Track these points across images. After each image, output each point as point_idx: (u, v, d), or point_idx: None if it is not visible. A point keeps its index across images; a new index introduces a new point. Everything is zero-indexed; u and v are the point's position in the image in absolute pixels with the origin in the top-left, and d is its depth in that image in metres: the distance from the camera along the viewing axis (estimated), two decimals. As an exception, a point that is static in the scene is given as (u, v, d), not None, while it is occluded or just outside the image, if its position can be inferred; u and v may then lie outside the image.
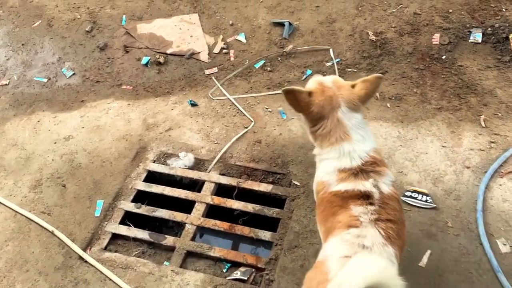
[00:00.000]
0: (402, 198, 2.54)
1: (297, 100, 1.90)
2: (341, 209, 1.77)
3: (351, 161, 1.84)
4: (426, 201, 2.50)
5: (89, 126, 3.28)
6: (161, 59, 3.67)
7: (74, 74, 3.68)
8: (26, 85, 3.65)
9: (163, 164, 3.00)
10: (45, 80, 3.66)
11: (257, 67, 3.56)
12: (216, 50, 3.73)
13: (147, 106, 3.39)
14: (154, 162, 3.01)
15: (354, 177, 1.81)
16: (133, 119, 3.29)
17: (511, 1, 3.56)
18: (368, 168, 1.82)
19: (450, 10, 3.61)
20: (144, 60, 3.70)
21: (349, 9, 3.78)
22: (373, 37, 3.55)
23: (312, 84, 2.00)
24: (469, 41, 3.41)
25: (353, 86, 1.95)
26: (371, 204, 1.73)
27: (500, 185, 2.55)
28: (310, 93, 1.91)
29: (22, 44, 3.90)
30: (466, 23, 3.51)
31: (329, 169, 1.89)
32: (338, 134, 1.87)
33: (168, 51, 3.75)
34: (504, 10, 3.53)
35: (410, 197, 2.53)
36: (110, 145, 3.13)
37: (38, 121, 3.35)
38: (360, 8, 3.77)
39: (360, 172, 1.82)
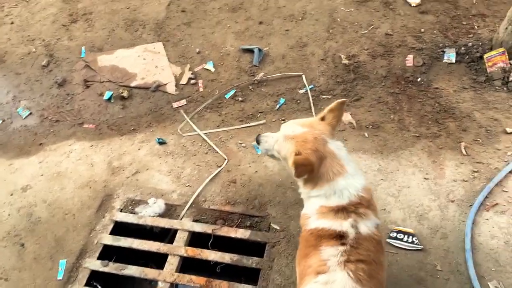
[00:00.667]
0: (388, 240, 2.40)
1: (305, 169, 1.80)
2: (313, 251, 1.71)
3: (340, 199, 1.76)
4: (412, 242, 2.37)
5: (49, 173, 3.03)
6: (125, 93, 3.45)
7: (30, 114, 3.42)
8: (-23, 129, 3.37)
9: (131, 213, 2.78)
10: (-1, 122, 3.39)
11: (227, 98, 3.38)
12: (184, 80, 3.53)
13: (111, 146, 3.17)
14: (121, 211, 2.79)
15: (334, 214, 1.75)
16: (97, 163, 3.06)
17: (482, 19, 3.50)
18: (350, 208, 1.74)
19: (422, 30, 3.52)
20: (107, 95, 3.47)
21: (320, 32, 3.66)
22: (346, 61, 3.43)
23: (287, 144, 1.89)
24: (443, 61, 3.33)
25: (322, 119, 1.95)
26: (343, 244, 1.66)
27: (487, 219, 2.45)
28: (297, 153, 1.80)
29: (-28, 84, 3.63)
30: (439, 42, 3.43)
31: (315, 206, 1.83)
32: (335, 169, 1.80)
33: (132, 84, 3.53)
34: (476, 27, 3.47)
35: (396, 238, 2.40)
36: (73, 194, 2.89)
37: (-8, 170, 3.08)
38: (331, 31, 3.64)
39: (341, 210, 1.74)
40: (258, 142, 2.12)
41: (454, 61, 3.30)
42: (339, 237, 1.68)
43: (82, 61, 3.68)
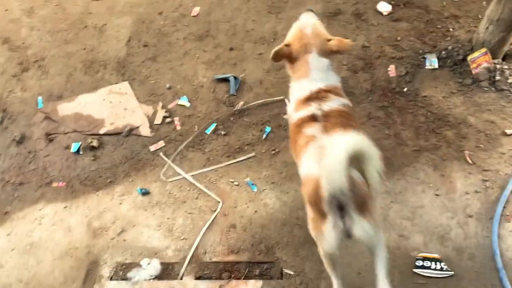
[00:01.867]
0: (415, 270, 2.22)
1: (282, 56, 2.31)
2: (299, 135, 2.11)
3: (306, 92, 2.18)
4: (441, 269, 2.19)
5: (21, 246, 2.65)
6: (95, 143, 3.12)
7: (-11, 179, 3.03)
8: None
9: (124, 280, 2.45)
10: (-48, 195, 2.96)
11: (209, 133, 3.13)
12: (158, 120, 3.24)
13: (88, 205, 2.82)
14: (111, 279, 2.46)
15: (303, 104, 2.16)
16: (75, 226, 2.71)
17: (456, 20, 3.46)
18: (314, 96, 2.15)
19: (399, 38, 3.43)
20: (74, 147, 3.12)
21: (295, 51, 3.49)
22: (327, 79, 3.27)
23: (294, 31, 2.35)
24: (426, 67, 3.23)
25: (329, 40, 2.28)
26: (316, 121, 2.07)
27: (511, 231, 2.32)
28: (288, 45, 2.29)
29: None
30: (418, 49, 3.34)
31: (292, 100, 2.29)
32: (303, 72, 2.25)
33: (101, 131, 3.20)
34: (451, 29, 3.41)
35: (423, 267, 2.22)
36: (52, 267, 2.53)
37: (-49, 253, 2.66)
38: (306, 49, 3.48)
39: (309, 100, 2.15)
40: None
41: (437, 66, 3.22)
42: (312, 118, 2.08)
43: (41, 112, 3.32)
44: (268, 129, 3.08)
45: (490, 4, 2.98)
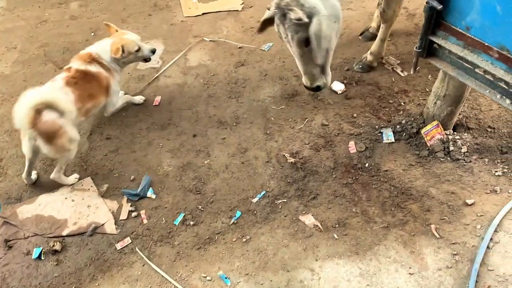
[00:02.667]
0: None
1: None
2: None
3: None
4: None
5: None
6: (57, 246, 2.97)
7: None
8: None
9: None
10: None
11: (177, 224, 3.07)
12: (123, 215, 3.15)
13: (52, 317, 2.64)
14: None
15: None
16: None
17: (406, 94, 3.68)
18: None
19: (355, 115, 3.59)
20: (35, 252, 2.96)
21: (258, 134, 3.57)
22: (291, 159, 3.34)
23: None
24: (384, 142, 3.37)
25: None
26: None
27: (487, 306, 2.34)
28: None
29: None
30: (375, 124, 3.50)
31: None
32: None
33: (64, 233, 3.07)
34: (403, 104, 3.62)
35: None
36: None
37: None
38: (268, 131, 3.57)
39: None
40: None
41: (393, 140, 3.36)
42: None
43: (-1, 217, 3.17)
44: (238, 213, 3.06)
45: (436, 81, 3.20)
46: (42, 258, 2.95)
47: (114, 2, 5.23)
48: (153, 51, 3.59)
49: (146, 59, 3.64)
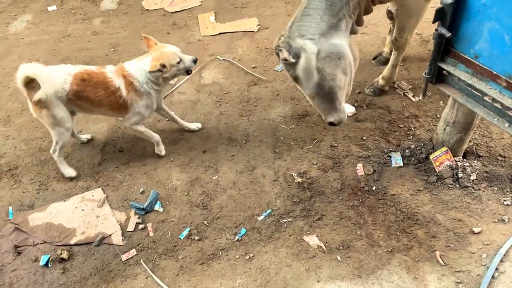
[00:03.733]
0: None
1: None
2: None
3: None
4: None
5: None
6: (64, 254, 3.03)
7: (-52, 301, 2.87)
8: None
9: None
10: None
11: (182, 238, 3.10)
12: (131, 227, 3.21)
13: (55, 324, 2.68)
14: None
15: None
16: None
17: (416, 119, 3.68)
18: None
19: (364, 137, 3.61)
20: (43, 260, 3.02)
21: (266, 153, 3.60)
22: (298, 179, 3.35)
23: None
24: (392, 165, 3.37)
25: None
26: None
27: (489, 337, 2.29)
28: None
29: None
30: (383, 148, 3.51)
31: None
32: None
33: (72, 242, 3.13)
34: (413, 128, 3.62)
35: None
36: None
37: None
38: (277, 150, 3.61)
39: None
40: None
41: (402, 164, 3.36)
42: None
43: (10, 223, 3.25)
44: (243, 231, 3.08)
45: (445, 107, 3.21)
46: (49, 265, 3.01)
47: (134, 20, 5.40)
48: (195, 61, 3.38)
49: (188, 71, 3.43)
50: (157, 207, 3.31)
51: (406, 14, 3.33)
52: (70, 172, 3.54)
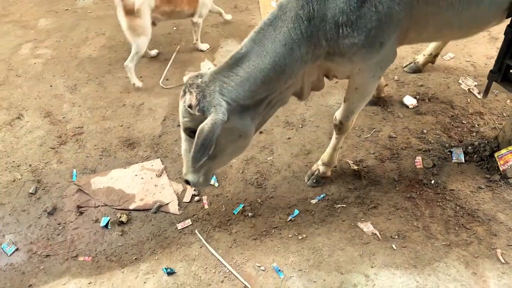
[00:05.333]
0: None
1: None
2: None
3: None
4: None
5: (41, 322, 2.61)
6: (124, 218, 3.16)
7: (17, 249, 3.03)
8: (-47, 273, 2.93)
9: None
10: (-20, 263, 2.98)
11: (236, 213, 3.16)
12: (187, 198, 3.30)
13: (113, 282, 2.80)
14: None
15: None
16: (98, 304, 2.68)
17: (480, 117, 3.58)
18: None
19: (424, 131, 3.54)
20: (103, 221, 3.17)
21: (322, 138, 3.61)
22: (354, 167, 3.34)
23: None
24: (453, 161, 3.30)
25: None
26: None
27: None
28: None
29: (-51, 219, 3.24)
30: (445, 142, 3.43)
31: None
32: None
33: (131, 207, 3.26)
34: (477, 125, 3.52)
35: None
36: None
37: (-29, 325, 2.62)
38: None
39: None
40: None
41: (463, 160, 3.28)
42: None
43: (74, 185, 3.42)
44: (296, 212, 3.11)
45: (515, 104, 3.11)
46: (109, 227, 3.15)
47: (196, 1, 5.50)
48: None
49: None
50: (213, 181, 3.38)
51: (360, 96, 2.79)
52: (138, 82, 4.17)
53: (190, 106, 2.35)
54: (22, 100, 4.13)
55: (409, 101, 3.73)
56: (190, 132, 2.48)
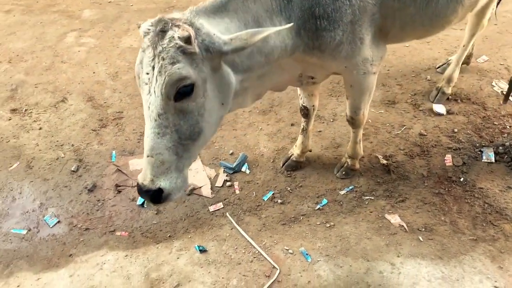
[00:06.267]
0: None
1: None
2: None
3: None
4: None
5: (81, 288, 2.78)
6: (159, 198, 3.32)
7: (58, 222, 3.23)
8: (1, 239, 3.14)
9: (176, 334, 2.50)
10: (25, 231, 3.17)
11: (266, 200, 3.28)
12: (219, 183, 3.44)
13: (148, 256, 2.95)
14: (164, 332, 2.51)
15: None
16: (134, 275, 2.83)
17: (513, 118, 3.60)
18: None
19: (455, 130, 3.58)
20: (140, 200, 3.33)
21: (353, 133, 3.69)
22: (384, 161, 3.41)
23: None
24: (483, 160, 3.33)
25: None
26: None
27: None
28: None
29: (-3, 190, 3.47)
30: (475, 142, 3.46)
31: None
32: None
33: (166, 188, 3.42)
34: (508, 127, 3.54)
35: None
36: (108, 312, 2.62)
37: (18, 286, 2.81)
38: (363, 132, 3.67)
39: None
40: None
41: (493, 160, 3.31)
42: None
43: (113, 165, 3.60)
44: (324, 201, 3.20)
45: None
46: (145, 206, 3.31)
47: None
48: None
49: None
50: (244, 168, 3.51)
51: (359, 92, 2.78)
52: None
53: (186, 40, 1.77)
54: (67, 85, 4.36)
55: (440, 109, 3.73)
56: (182, 88, 1.82)
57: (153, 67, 1.80)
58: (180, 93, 1.83)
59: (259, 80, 2.33)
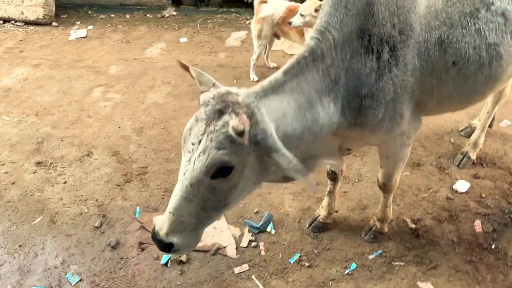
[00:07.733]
0: None
1: None
2: None
3: None
4: None
5: None
6: (183, 257, 3.25)
7: (80, 280, 3.16)
8: (22, 297, 3.07)
9: None
10: (46, 289, 3.10)
11: (292, 262, 3.21)
12: (244, 243, 3.38)
13: (172, 320, 2.86)
14: None
15: None
16: None
17: (541, 185, 3.58)
18: None
19: (483, 195, 3.56)
20: (164, 259, 3.27)
21: (379, 194, 3.62)
22: (412, 225, 3.36)
23: None
24: (513, 227, 3.29)
25: None
26: None
27: None
28: None
29: (19, 246, 3.40)
30: (504, 208, 3.43)
31: None
32: None
33: (190, 247, 3.37)
34: (537, 194, 3.52)
35: None
36: None
37: None
38: (390, 194, 3.67)
39: None
40: None
41: (525, 229, 3.26)
42: None
43: (137, 221, 3.57)
44: (353, 265, 3.13)
45: None
46: (169, 265, 3.24)
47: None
48: None
49: None
50: (269, 228, 3.47)
51: (393, 163, 2.86)
52: (254, 77, 5.16)
53: (239, 133, 1.78)
54: (92, 139, 4.42)
55: (463, 187, 3.65)
56: (221, 171, 1.85)
57: (199, 142, 1.84)
58: (217, 173, 1.87)
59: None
